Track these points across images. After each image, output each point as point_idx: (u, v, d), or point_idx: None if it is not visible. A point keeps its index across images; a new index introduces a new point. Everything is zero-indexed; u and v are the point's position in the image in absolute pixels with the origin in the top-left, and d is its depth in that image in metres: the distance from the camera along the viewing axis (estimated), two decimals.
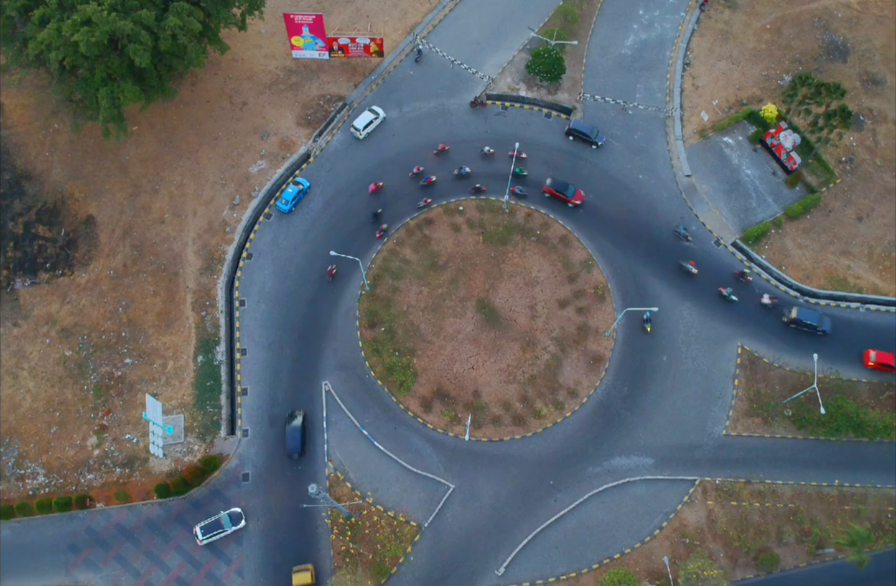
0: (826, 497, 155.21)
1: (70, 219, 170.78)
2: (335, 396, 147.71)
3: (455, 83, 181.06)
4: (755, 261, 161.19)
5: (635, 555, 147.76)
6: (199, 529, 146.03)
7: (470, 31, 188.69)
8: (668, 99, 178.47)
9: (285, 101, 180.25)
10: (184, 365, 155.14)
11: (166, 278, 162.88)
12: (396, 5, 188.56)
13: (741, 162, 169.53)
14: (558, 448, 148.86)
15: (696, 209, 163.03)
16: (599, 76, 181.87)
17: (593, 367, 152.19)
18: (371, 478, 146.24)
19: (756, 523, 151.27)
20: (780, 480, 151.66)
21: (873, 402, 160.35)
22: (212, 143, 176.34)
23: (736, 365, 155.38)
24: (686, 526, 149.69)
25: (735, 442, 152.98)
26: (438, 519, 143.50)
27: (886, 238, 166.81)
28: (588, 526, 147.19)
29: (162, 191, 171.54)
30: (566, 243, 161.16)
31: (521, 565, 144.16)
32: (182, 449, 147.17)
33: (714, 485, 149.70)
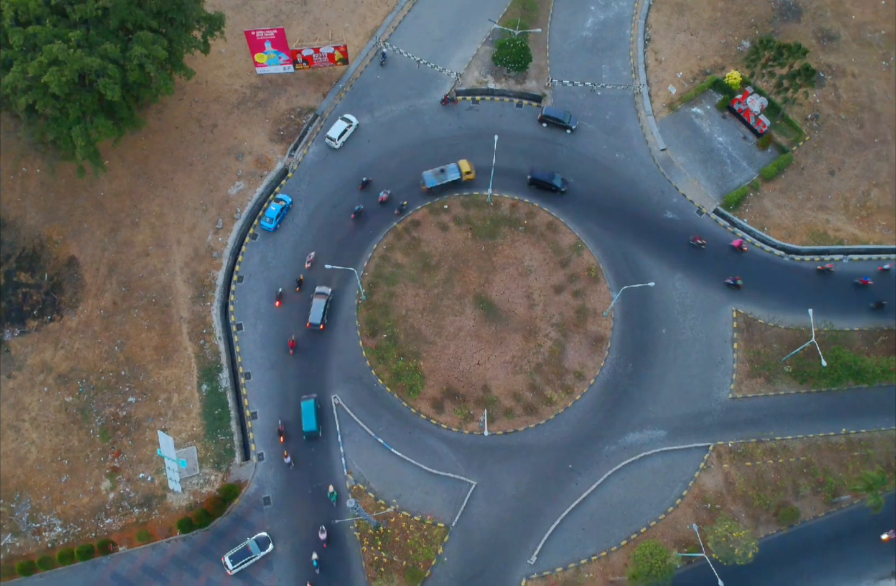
0: (835, 446, 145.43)
1: (51, 262, 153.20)
2: (346, 409, 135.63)
3: (423, 83, 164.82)
4: (738, 226, 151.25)
5: (661, 527, 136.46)
6: (227, 559, 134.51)
7: (431, 30, 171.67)
8: (634, 76, 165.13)
9: (255, 118, 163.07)
10: (189, 396, 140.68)
11: (159, 311, 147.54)
12: (354, 11, 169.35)
13: (712, 130, 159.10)
14: (572, 431, 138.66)
15: (674, 181, 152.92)
16: (564, 61, 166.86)
17: (596, 348, 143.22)
18: (393, 485, 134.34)
19: (772, 480, 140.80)
20: (789, 436, 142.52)
21: (868, 349, 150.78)
22: (186, 170, 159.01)
23: (733, 329, 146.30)
24: (706, 491, 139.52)
25: (742, 405, 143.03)
26: (465, 516, 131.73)
27: (859, 189, 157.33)
28: (611, 504, 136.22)
29: (142, 224, 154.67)
30: (554, 229, 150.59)
31: (551, 551, 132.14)
32: (199, 481, 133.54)
33: (727, 449, 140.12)
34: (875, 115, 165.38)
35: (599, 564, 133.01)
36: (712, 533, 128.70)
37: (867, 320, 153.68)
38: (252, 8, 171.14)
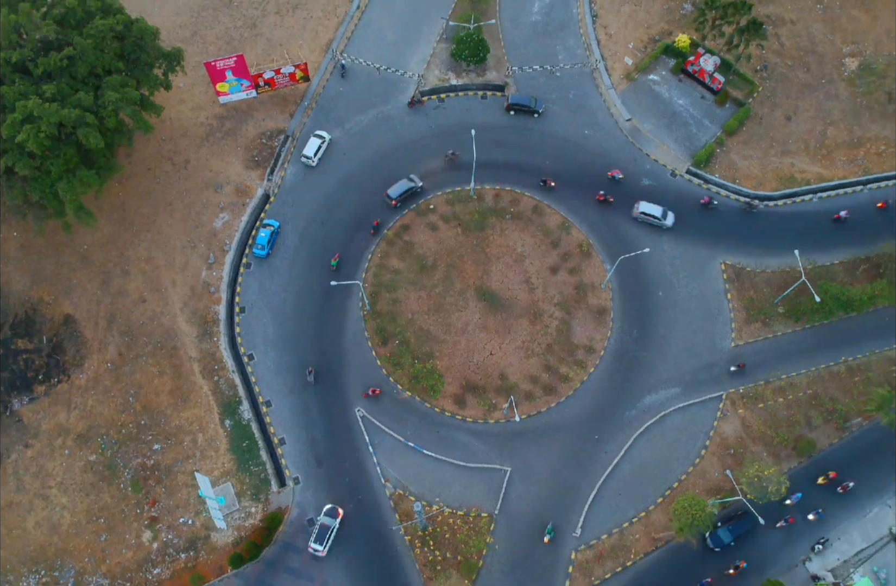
0: (837, 375, 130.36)
1: (47, 324, 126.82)
2: (371, 419, 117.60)
3: (387, 89, 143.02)
4: (711, 182, 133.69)
5: (692, 479, 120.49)
6: (313, 544, 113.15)
7: (385, 35, 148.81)
8: (588, 53, 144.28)
9: (227, 148, 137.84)
10: (214, 434, 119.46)
11: (167, 355, 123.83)
12: (305, 27, 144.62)
13: (671, 94, 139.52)
14: (592, 403, 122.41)
15: (645, 149, 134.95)
16: (519, 48, 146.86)
17: (600, 320, 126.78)
18: (431, 485, 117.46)
19: (785, 417, 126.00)
20: (793, 372, 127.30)
21: (851, 280, 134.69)
22: (167, 210, 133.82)
23: (723, 281, 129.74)
24: (727, 438, 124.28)
25: (745, 351, 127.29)
26: (506, 502, 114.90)
27: (816, 129, 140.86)
28: (641, 466, 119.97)
29: (133, 271, 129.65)
30: (539, 212, 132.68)
31: (594, 521, 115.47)
32: (241, 515, 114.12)
33: (739, 395, 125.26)
34: (818, 57, 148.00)
35: (641, 525, 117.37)
36: (744, 475, 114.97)
37: (845, 253, 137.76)
38: (202, 38, 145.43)
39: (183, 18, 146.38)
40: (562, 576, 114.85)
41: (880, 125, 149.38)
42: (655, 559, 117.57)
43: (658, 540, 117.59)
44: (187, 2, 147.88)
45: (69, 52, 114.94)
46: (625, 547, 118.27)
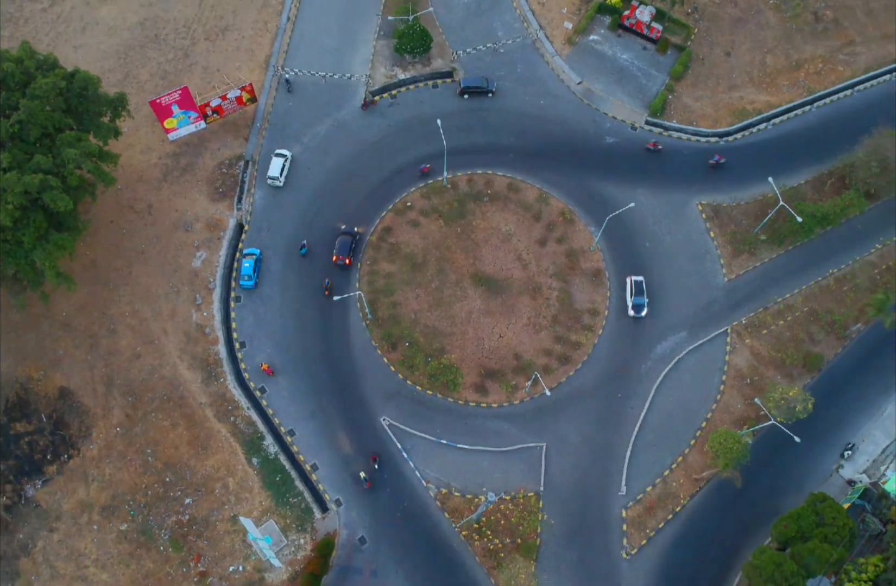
0: (827, 288, 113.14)
1: (43, 401, 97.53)
2: (398, 425, 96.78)
3: (336, 95, 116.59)
4: (671, 128, 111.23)
5: (718, 415, 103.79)
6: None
7: (322, 42, 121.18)
8: (526, 25, 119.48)
9: (188, 185, 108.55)
10: (243, 475, 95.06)
11: (176, 406, 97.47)
12: (238, 48, 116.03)
13: (614, 51, 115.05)
14: (608, 364, 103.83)
15: (601, 108, 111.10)
16: (458, 31, 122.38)
17: (598, 282, 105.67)
18: (473, 477, 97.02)
19: (789, 337, 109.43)
20: (787, 294, 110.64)
21: (820, 196, 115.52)
22: (141, 259, 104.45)
23: (703, 220, 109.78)
24: (741, 369, 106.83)
25: (738, 283, 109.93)
26: (549, 477, 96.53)
27: (755, 59, 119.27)
28: (668, 413, 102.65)
29: (120, 329, 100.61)
30: (515, 189, 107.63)
31: (635, 476, 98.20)
32: (291, 550, 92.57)
33: (742, 326, 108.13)
34: None
35: (681, 469, 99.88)
36: (770, 400, 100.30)
37: (809, 171, 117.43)
38: (135, 78, 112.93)
39: (110, 62, 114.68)
40: (618, 536, 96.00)
41: (813, 45, 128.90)
42: (701, 499, 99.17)
43: (700, 480, 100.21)
44: (111, 45, 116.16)
45: (18, 116, 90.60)
46: (671, 495, 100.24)
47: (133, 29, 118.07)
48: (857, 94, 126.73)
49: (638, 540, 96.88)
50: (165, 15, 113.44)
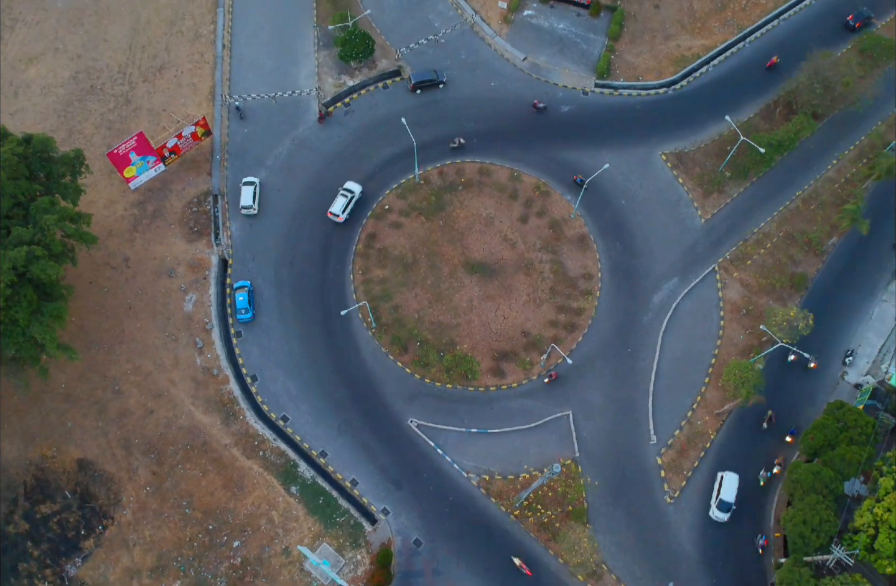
0: (796, 211, 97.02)
1: (63, 477, 76.43)
2: (427, 424, 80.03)
3: (290, 114, 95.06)
4: (619, 87, 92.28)
5: (724, 349, 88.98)
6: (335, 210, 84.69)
7: (263, 63, 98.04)
8: (461, 12, 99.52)
9: (160, 230, 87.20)
10: (286, 505, 76.71)
11: (201, 453, 77.81)
12: (180, 83, 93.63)
13: (551, 22, 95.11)
14: (612, 323, 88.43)
15: (551, 79, 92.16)
16: (396, 29, 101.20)
17: (585, 247, 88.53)
18: (510, 458, 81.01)
19: (772, 263, 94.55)
20: (762, 223, 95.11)
21: (771, 125, 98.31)
22: (130, 315, 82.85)
23: (669, 168, 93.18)
24: (735, 303, 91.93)
25: (714, 222, 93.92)
26: (581, 442, 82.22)
27: (683, 7, 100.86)
28: (678, 358, 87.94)
29: (125, 388, 79.62)
30: (486, 173, 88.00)
31: (661, 423, 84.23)
32: (351, 567, 75.65)
33: (727, 261, 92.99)
34: None
35: (702, 408, 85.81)
36: (773, 324, 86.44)
37: (756, 104, 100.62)
38: (80, 133, 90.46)
39: (51, 122, 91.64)
40: (658, 482, 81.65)
41: None
42: (727, 431, 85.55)
43: (722, 414, 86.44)
44: (48, 104, 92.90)
45: None
46: (698, 434, 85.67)
47: (67, 84, 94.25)
48: (783, 23, 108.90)
49: (678, 483, 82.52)
50: (97, 64, 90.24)
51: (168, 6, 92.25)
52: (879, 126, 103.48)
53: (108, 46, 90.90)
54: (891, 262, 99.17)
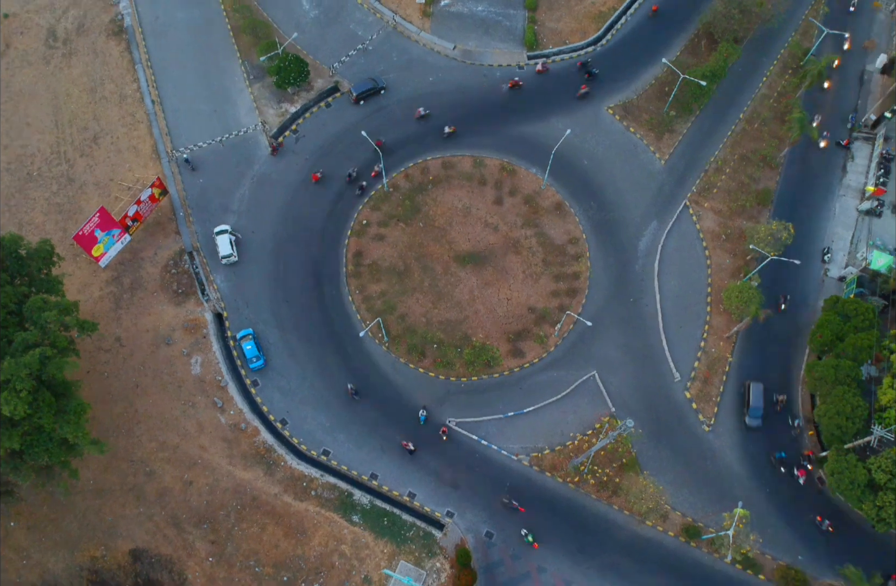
0: (744, 131, 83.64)
1: (120, 573, 59.38)
2: (464, 420, 66.29)
3: (241, 154, 75.55)
4: (550, 54, 77.54)
5: (717, 276, 76.25)
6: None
7: (198, 110, 77.34)
8: (380, 16, 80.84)
9: (144, 301, 68.09)
10: (353, 536, 62.05)
11: (253, 509, 61.84)
12: (119, 149, 74.04)
13: (468, 7, 78.90)
14: (608, 278, 74.40)
15: (485, 62, 76.79)
16: (321, 46, 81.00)
17: (563, 213, 73.41)
18: (552, 430, 67.54)
19: (736, 186, 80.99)
20: (716, 151, 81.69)
21: (699, 59, 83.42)
22: (139, 393, 64.48)
23: (618, 120, 77.85)
24: (713, 231, 78.38)
25: (673, 161, 79.96)
26: (612, 396, 69.06)
27: None
28: (676, 295, 75.04)
29: (156, 467, 62.29)
30: (449, 166, 72.60)
31: (680, 359, 71.87)
32: (434, 577, 61.84)
33: (695, 194, 78.76)
34: None
35: (712, 336, 73.31)
36: (758, 241, 75.23)
37: (680, 41, 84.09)
38: (30, 223, 70.21)
39: None
40: (692, 415, 69.07)
41: None
42: (740, 349, 73.61)
43: (731, 336, 73.64)
44: None
45: None
46: (715, 360, 72.45)
47: (1, 177, 72.52)
48: None
49: (710, 412, 68.97)
50: (27, 150, 71.18)
51: (83, 75, 72.05)
52: (794, 36, 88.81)
53: (34, 129, 71.13)
54: (838, 158, 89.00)
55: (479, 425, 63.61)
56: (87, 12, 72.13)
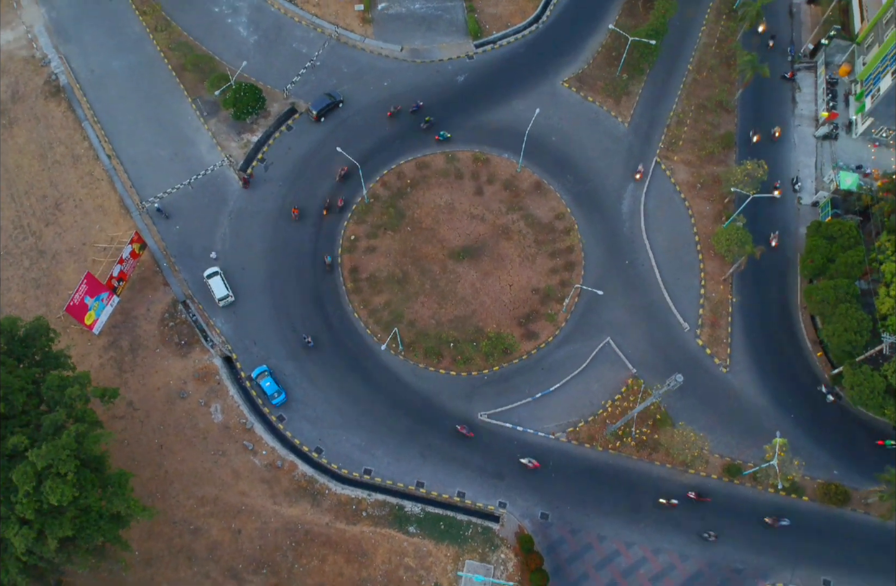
0: (695, 82, 73.50)
1: None
2: (495, 411, 56.92)
3: (212, 193, 62.05)
4: (496, 40, 67.10)
5: (702, 225, 67.27)
6: None
7: (158, 155, 62.81)
8: (320, 30, 68.65)
9: (148, 360, 55.26)
10: (414, 546, 52.57)
11: (309, 543, 51.65)
12: (85, 212, 59.62)
13: (406, 7, 67.85)
14: (598, 243, 65.11)
15: (435, 58, 65.92)
16: (269, 70, 67.74)
17: (543, 192, 63.29)
18: (581, 403, 58.44)
19: (699, 135, 71.12)
20: (673, 105, 71.33)
21: (638, 20, 71.73)
22: (164, 453, 52.71)
23: (575, 92, 67.60)
24: (688, 182, 68.37)
25: (635, 122, 69.74)
26: (630, 359, 60.33)
27: None
28: (667, 250, 66.34)
29: (200, 524, 50.73)
30: (423, 166, 62.11)
31: (684, 310, 63.43)
32: (502, 568, 52.35)
33: (663, 149, 68.91)
34: None
35: (709, 280, 64.83)
36: (736, 183, 64.95)
37: (616, 5, 72.76)
38: (10, 304, 56.88)
39: None
40: (708, 360, 60.58)
41: None
42: (738, 291, 64.71)
43: (727, 278, 64.73)
44: None
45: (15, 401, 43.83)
46: (717, 303, 63.53)
47: None
48: None
49: (724, 354, 60.32)
50: None
51: (29, 142, 59.31)
52: None
53: None
54: (787, 91, 78.45)
55: (510, 412, 52.20)
56: (17, 78, 58.47)
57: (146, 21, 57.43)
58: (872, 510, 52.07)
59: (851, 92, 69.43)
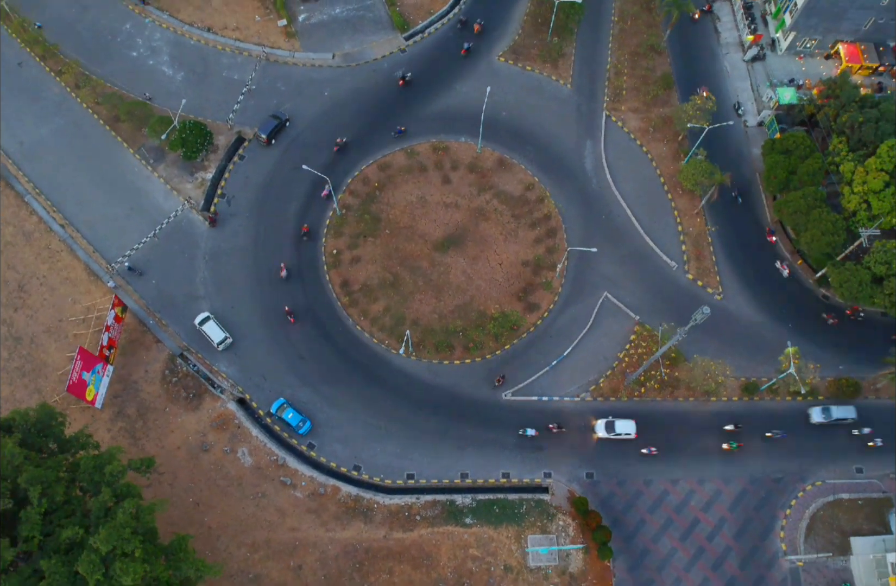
0: (623, 31, 67.28)
1: None
2: (517, 388, 50.81)
3: (181, 239, 52.79)
4: (424, 29, 59.68)
5: (661, 165, 61.94)
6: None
7: (114, 217, 52.59)
8: (246, 53, 59.45)
9: (159, 421, 46.65)
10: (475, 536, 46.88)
11: (372, 560, 45.77)
12: (52, 288, 50.37)
13: (326, 12, 59.12)
14: (575, 207, 58.46)
15: (369, 58, 58.31)
16: (206, 103, 57.27)
17: (510, 168, 56.28)
18: (596, 359, 52.51)
19: (639, 82, 65.55)
20: (607, 57, 65.83)
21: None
22: (202, 509, 44.99)
23: (511, 64, 60.48)
24: (640, 128, 62.77)
25: (576, 82, 63.67)
26: (630, 306, 54.98)
27: None
28: (638, 195, 61.09)
29: (258, 568, 43.79)
30: (385, 166, 54.36)
31: (667, 249, 58.97)
32: (563, 535, 47.10)
33: (609, 102, 63.27)
34: None
35: (684, 217, 58.92)
36: (689, 118, 59.13)
37: None
38: (3, 399, 46.57)
39: None
40: (702, 293, 55.64)
41: None
42: (712, 220, 59.23)
43: (699, 212, 59.03)
44: None
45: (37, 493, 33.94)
46: (697, 237, 58.24)
47: None
48: None
49: (714, 283, 54.98)
50: None
51: None
52: None
53: None
54: (708, 23, 70.52)
55: (532, 386, 44.81)
56: None
57: (65, 80, 48.26)
58: (883, 393, 49.60)
59: (767, 12, 62.42)
